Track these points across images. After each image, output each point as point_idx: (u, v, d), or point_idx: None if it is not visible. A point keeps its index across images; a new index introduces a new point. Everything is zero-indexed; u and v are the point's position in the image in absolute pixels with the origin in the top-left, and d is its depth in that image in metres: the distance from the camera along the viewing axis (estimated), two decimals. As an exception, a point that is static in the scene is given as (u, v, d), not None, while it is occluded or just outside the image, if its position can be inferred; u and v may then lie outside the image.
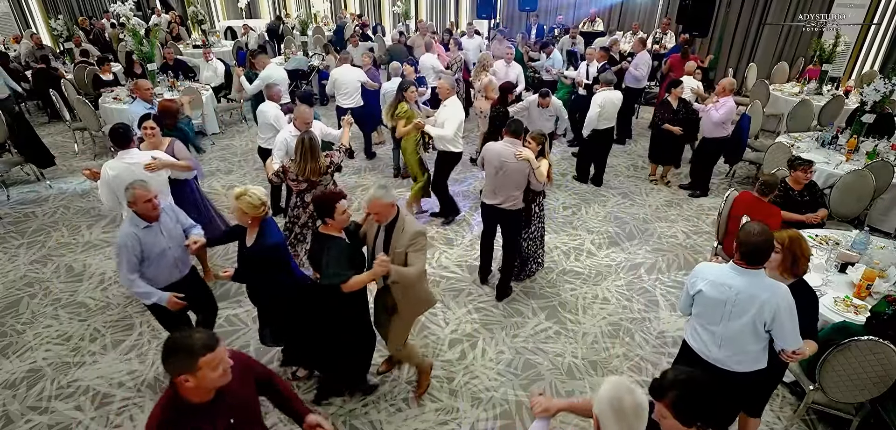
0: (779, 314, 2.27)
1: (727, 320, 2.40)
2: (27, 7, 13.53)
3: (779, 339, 2.33)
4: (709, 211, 5.93)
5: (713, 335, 2.48)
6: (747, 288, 2.33)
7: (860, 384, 2.75)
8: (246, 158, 7.40)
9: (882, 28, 9.04)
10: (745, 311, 2.34)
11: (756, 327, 2.33)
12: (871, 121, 5.78)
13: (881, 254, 3.69)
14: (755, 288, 2.32)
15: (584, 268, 4.85)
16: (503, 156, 3.85)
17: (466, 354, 3.77)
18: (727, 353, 2.46)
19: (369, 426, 3.22)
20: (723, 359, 2.48)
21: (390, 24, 16.09)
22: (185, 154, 4.14)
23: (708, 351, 2.52)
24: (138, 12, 11.57)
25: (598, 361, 3.74)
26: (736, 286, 2.35)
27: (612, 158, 7.46)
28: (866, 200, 4.81)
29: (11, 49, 10.59)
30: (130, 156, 3.73)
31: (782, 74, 9.21)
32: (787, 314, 2.28)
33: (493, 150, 3.93)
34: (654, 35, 10.49)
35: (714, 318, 2.45)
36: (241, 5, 15.27)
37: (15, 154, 6.47)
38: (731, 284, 2.37)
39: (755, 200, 3.89)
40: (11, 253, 5.02)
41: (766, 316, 2.29)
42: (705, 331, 2.52)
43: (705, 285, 2.45)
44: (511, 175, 3.87)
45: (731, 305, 2.38)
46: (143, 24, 11.26)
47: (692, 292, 2.54)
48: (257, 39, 11.81)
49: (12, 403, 3.35)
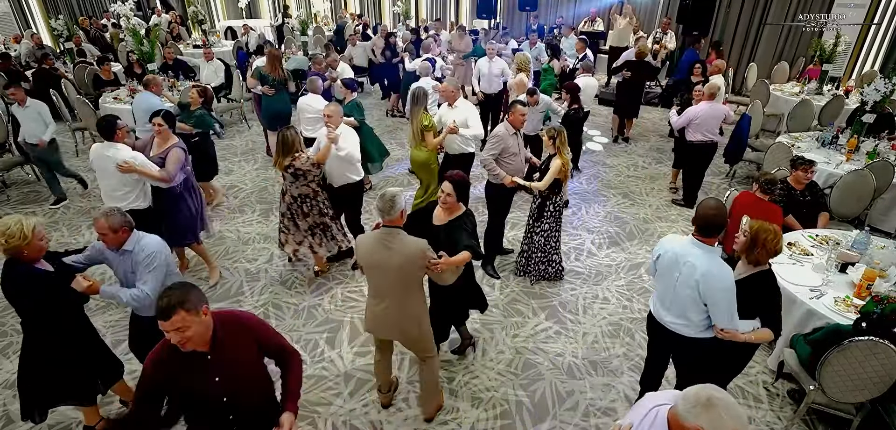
0: (711, 291, 2.48)
1: (675, 286, 2.63)
2: (27, 7, 13.54)
3: (712, 314, 2.54)
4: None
5: (663, 300, 2.75)
6: (694, 260, 2.53)
7: (860, 384, 2.75)
8: (246, 157, 7.40)
9: (882, 28, 9.04)
10: (687, 281, 2.55)
11: (696, 298, 2.55)
12: (871, 121, 5.78)
13: (881, 254, 3.69)
14: (700, 261, 2.51)
15: (584, 268, 4.85)
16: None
17: (466, 354, 3.77)
18: (673, 317, 2.71)
19: (369, 426, 3.22)
20: (670, 322, 2.73)
21: (390, 24, 16.09)
22: (175, 162, 4.07)
23: (660, 314, 2.80)
24: (138, 12, 11.58)
25: (599, 361, 3.74)
26: (687, 257, 2.56)
27: (613, 159, 7.48)
28: (866, 200, 4.81)
29: (12, 49, 10.59)
30: (114, 149, 3.81)
31: (782, 73, 9.20)
32: (721, 293, 2.47)
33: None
34: (654, 35, 10.49)
35: (667, 284, 2.68)
36: (241, 5, 15.27)
37: (15, 154, 6.47)
38: (683, 253, 2.59)
39: (755, 199, 3.89)
40: (12, 253, 5.02)
41: (701, 289, 2.50)
42: (660, 295, 2.79)
43: (664, 252, 2.70)
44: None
45: (678, 272, 2.60)
46: (144, 24, 11.25)
47: (653, 257, 2.81)
48: (257, 39, 11.80)
49: (13, 403, 3.35)
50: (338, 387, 3.49)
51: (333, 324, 4.07)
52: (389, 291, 2.74)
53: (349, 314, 4.15)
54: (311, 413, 3.29)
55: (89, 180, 6.35)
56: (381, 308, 2.79)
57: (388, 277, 2.69)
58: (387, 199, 2.62)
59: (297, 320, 4.13)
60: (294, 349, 2.28)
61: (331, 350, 3.81)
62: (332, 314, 4.18)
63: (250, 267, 4.78)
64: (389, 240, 2.65)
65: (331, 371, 3.62)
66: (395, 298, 2.75)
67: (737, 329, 2.52)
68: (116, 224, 2.66)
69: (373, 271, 2.76)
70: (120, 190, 3.92)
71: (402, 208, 2.69)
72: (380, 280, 2.74)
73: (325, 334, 3.96)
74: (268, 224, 5.54)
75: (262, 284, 4.56)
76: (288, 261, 4.69)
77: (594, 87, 7.06)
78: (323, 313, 4.20)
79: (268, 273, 4.70)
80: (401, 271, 2.66)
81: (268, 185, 6.49)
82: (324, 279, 4.61)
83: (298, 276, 4.66)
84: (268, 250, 5.06)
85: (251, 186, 6.49)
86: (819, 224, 4.35)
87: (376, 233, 2.72)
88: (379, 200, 2.65)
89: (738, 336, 2.52)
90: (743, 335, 2.53)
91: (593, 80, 7.04)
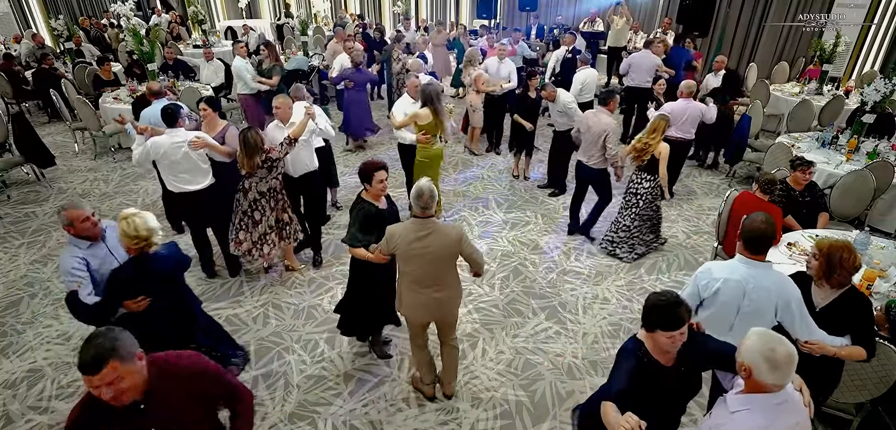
0: (788, 308, 2.33)
1: (738, 314, 2.43)
2: (27, 7, 13.54)
3: (789, 329, 2.35)
4: (709, 211, 5.92)
5: (719, 332, 2.38)
6: (767, 283, 2.37)
7: (860, 384, 2.75)
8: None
9: (882, 28, 9.03)
10: (759, 308, 2.37)
11: (770, 321, 2.37)
12: (871, 121, 5.77)
13: (881, 254, 3.69)
14: (771, 282, 2.37)
15: (584, 268, 4.85)
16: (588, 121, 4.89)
17: (466, 354, 3.78)
18: None
19: (369, 426, 3.22)
20: None
21: (390, 24, 16.10)
22: (234, 138, 4.21)
23: None
24: (138, 12, 11.57)
25: (599, 361, 3.74)
26: (755, 281, 2.39)
27: (613, 158, 7.48)
28: (866, 200, 4.81)
29: (12, 49, 10.59)
30: (177, 134, 4.02)
31: (782, 73, 9.20)
32: (796, 305, 2.33)
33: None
34: (654, 34, 10.48)
35: (727, 314, 2.46)
36: (241, 5, 15.27)
37: (15, 154, 6.48)
38: (746, 279, 2.40)
39: (755, 200, 3.88)
40: (12, 253, 5.03)
41: (780, 310, 2.35)
42: (714, 329, 2.44)
43: (723, 282, 2.43)
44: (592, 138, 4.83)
45: (747, 299, 2.40)
46: (144, 24, 11.25)
47: (706, 293, 2.50)
48: (258, 39, 11.80)
49: (13, 402, 3.35)
50: (338, 387, 3.49)
51: (333, 324, 4.07)
52: (436, 275, 2.89)
53: (349, 314, 4.15)
54: (311, 413, 3.29)
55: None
56: (426, 294, 2.94)
57: (435, 262, 2.84)
58: (426, 195, 2.73)
59: (297, 320, 4.13)
60: (246, 391, 2.07)
61: (331, 350, 3.81)
62: (332, 314, 4.17)
63: (250, 267, 4.78)
64: (429, 228, 2.79)
65: (331, 371, 3.62)
66: (441, 281, 2.93)
67: (823, 341, 2.37)
68: (87, 210, 2.68)
69: (412, 261, 2.87)
70: (199, 169, 4.16)
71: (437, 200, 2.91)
72: (424, 267, 2.86)
73: (325, 334, 3.96)
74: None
75: (262, 284, 4.56)
76: (241, 257, 4.57)
77: (594, 78, 7.10)
78: (323, 313, 4.20)
79: (268, 273, 4.70)
80: (445, 254, 2.84)
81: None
82: (324, 279, 4.61)
83: (298, 276, 4.66)
84: (268, 250, 5.06)
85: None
86: (819, 225, 4.35)
87: (411, 225, 2.82)
88: (417, 198, 2.74)
89: (827, 348, 2.37)
90: (832, 348, 2.38)
91: (593, 71, 7.12)
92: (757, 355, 1.74)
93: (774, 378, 1.74)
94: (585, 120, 4.95)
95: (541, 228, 5.55)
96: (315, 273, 4.70)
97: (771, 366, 1.72)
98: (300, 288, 4.50)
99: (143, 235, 2.56)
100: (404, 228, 2.84)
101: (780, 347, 1.72)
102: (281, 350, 3.80)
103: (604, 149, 4.79)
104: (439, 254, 2.82)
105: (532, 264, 4.88)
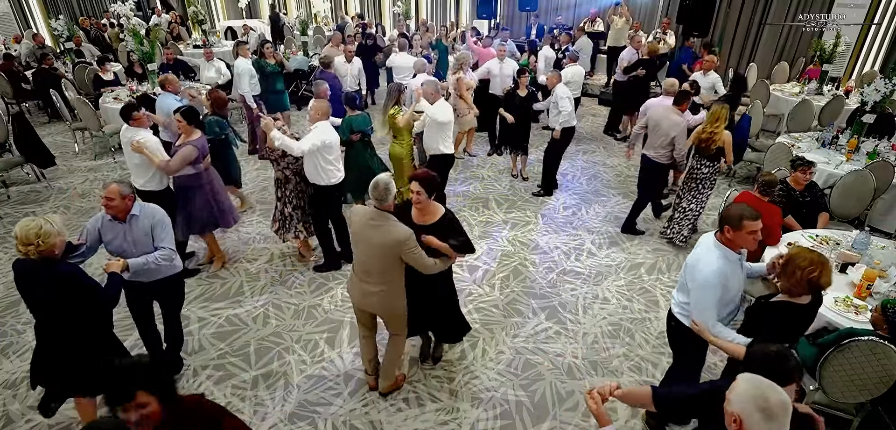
0: (691, 280, 2.58)
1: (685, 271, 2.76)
2: (27, 7, 13.54)
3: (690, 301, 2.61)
4: (709, 211, 5.92)
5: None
6: (696, 254, 2.64)
7: (860, 384, 2.75)
8: (246, 157, 7.39)
9: (882, 28, 9.04)
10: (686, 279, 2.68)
11: (683, 281, 2.69)
12: (871, 121, 5.77)
13: (881, 254, 3.69)
14: (699, 249, 2.65)
15: (584, 268, 4.85)
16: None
17: (466, 354, 3.78)
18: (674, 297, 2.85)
19: (369, 426, 3.22)
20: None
21: (390, 24, 16.09)
22: (180, 156, 4.17)
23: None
24: (138, 12, 11.57)
25: (599, 361, 3.74)
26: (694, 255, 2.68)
27: (613, 159, 7.48)
28: (867, 200, 4.81)
29: (12, 49, 10.59)
30: (132, 132, 4.20)
31: (783, 73, 9.20)
32: (696, 285, 2.55)
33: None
34: (654, 34, 10.48)
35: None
36: (241, 5, 15.25)
37: (15, 154, 6.48)
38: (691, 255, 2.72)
39: (755, 200, 3.88)
40: (12, 253, 5.02)
41: (686, 275, 2.64)
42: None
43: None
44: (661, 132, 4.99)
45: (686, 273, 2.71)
46: (144, 24, 11.25)
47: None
48: (258, 39, 11.79)
49: (12, 403, 3.35)
50: (338, 387, 3.49)
51: (333, 324, 4.07)
52: (372, 266, 2.94)
53: (349, 315, 4.15)
54: (311, 413, 3.29)
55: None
56: (364, 283, 3.01)
57: (372, 254, 2.90)
58: (382, 187, 2.81)
59: (297, 320, 4.13)
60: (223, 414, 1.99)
61: (331, 350, 3.81)
62: (332, 314, 4.18)
63: (250, 267, 4.78)
64: (380, 221, 2.85)
65: (331, 371, 3.62)
66: (376, 274, 2.95)
67: (703, 324, 2.52)
68: (126, 191, 2.96)
69: (360, 245, 2.98)
70: (141, 168, 4.28)
71: (394, 195, 2.90)
72: (365, 256, 2.95)
73: (325, 334, 3.96)
74: (267, 224, 5.53)
75: (262, 284, 4.56)
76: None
77: (581, 74, 7.50)
78: (323, 313, 4.20)
79: (268, 273, 4.71)
80: (384, 249, 2.86)
81: (268, 185, 6.49)
82: (324, 279, 4.61)
83: (298, 276, 4.66)
84: (268, 251, 5.06)
85: (251, 186, 6.49)
86: (819, 225, 4.35)
87: (369, 210, 2.91)
88: (373, 189, 2.81)
89: (706, 334, 2.52)
90: (712, 338, 2.50)
91: (580, 68, 7.49)
92: (749, 405, 1.58)
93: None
94: (654, 117, 5.03)
95: (541, 228, 5.55)
96: (315, 273, 4.70)
97: (765, 416, 1.55)
98: (300, 288, 4.50)
99: (22, 239, 2.56)
100: (364, 211, 2.94)
101: (773, 394, 1.58)
102: (281, 350, 3.81)
103: (672, 147, 4.92)
104: (379, 249, 2.86)
105: (532, 264, 4.88)
